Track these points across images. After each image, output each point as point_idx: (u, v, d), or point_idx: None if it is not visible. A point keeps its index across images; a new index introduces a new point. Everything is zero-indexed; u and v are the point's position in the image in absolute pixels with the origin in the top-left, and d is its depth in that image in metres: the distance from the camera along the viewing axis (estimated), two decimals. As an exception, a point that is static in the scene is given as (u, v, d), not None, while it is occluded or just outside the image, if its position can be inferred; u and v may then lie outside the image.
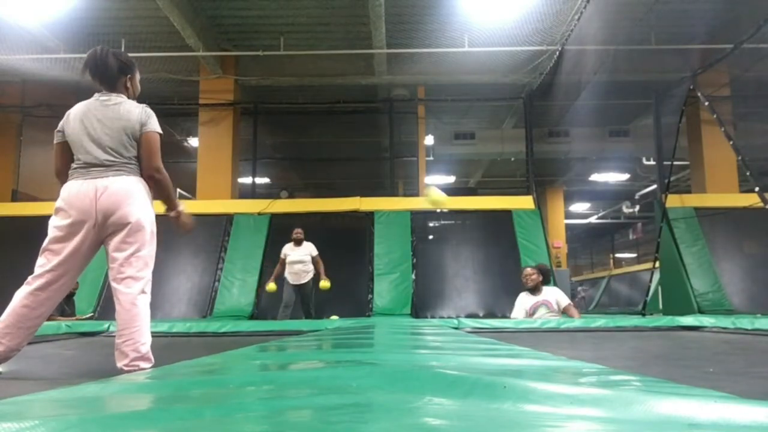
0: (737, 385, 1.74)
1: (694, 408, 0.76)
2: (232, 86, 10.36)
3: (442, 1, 8.19)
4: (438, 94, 11.24)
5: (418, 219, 9.25)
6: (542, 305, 5.01)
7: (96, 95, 2.51)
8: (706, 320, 4.53)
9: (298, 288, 7.26)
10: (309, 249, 7.33)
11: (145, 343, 2.31)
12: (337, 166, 14.90)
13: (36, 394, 0.95)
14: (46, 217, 2.42)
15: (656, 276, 8.95)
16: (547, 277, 5.19)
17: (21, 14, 8.07)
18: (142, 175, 2.49)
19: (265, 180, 15.69)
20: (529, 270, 5.17)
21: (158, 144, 2.51)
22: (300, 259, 7.24)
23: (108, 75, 2.50)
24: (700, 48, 8.97)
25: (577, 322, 4.49)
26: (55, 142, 2.51)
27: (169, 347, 3.37)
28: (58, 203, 2.39)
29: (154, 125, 2.51)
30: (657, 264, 8.66)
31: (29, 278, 2.34)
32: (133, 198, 2.38)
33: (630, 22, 8.54)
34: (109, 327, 4.55)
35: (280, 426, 0.71)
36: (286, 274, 7.31)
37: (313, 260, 7.30)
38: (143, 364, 2.29)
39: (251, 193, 11.06)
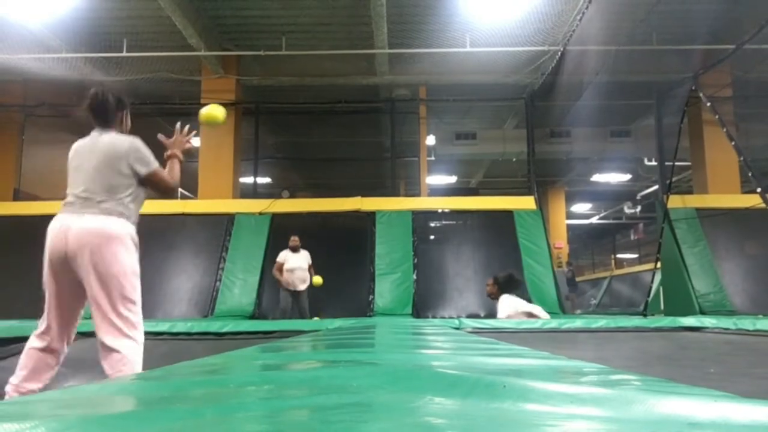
0: (738, 385, 1.74)
1: (694, 407, 0.76)
2: (233, 86, 10.37)
3: (443, 1, 8.19)
4: (439, 94, 11.23)
5: (420, 219, 9.26)
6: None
7: (92, 133, 2.53)
8: (708, 321, 4.53)
9: (296, 294, 7.33)
10: (306, 257, 7.44)
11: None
12: (339, 166, 14.89)
13: (36, 394, 0.95)
14: (48, 217, 2.41)
15: (658, 277, 8.93)
16: (510, 286, 5.27)
17: (23, 14, 8.08)
18: (127, 214, 2.40)
19: (267, 180, 15.69)
20: (489, 280, 5.50)
21: (160, 176, 2.49)
22: (299, 265, 7.34)
23: (108, 112, 2.52)
24: (702, 48, 8.95)
25: (578, 322, 4.49)
26: None
27: (169, 347, 3.37)
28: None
29: (148, 163, 2.46)
30: (658, 265, 8.64)
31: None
32: (104, 241, 2.25)
33: (632, 22, 8.54)
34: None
35: (280, 426, 0.71)
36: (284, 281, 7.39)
37: (309, 268, 7.42)
38: None
39: (253, 192, 11.08)
